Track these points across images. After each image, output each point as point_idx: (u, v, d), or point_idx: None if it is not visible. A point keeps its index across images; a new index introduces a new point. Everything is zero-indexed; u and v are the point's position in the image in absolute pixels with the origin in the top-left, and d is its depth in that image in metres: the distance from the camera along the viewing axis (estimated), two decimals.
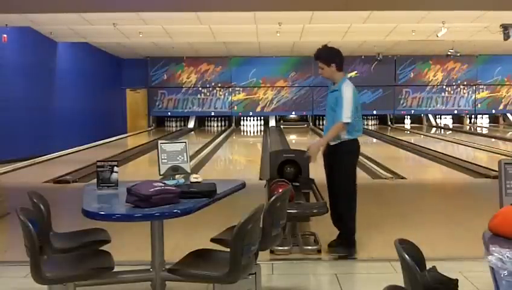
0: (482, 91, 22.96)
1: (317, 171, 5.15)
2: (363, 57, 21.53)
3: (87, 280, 3.10)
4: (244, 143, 18.92)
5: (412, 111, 23.14)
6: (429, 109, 23.13)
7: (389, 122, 23.25)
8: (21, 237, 2.90)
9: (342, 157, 4.59)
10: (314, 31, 13.33)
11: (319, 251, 4.69)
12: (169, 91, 22.59)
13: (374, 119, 23.28)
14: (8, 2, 9.10)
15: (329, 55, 4.65)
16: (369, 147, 14.43)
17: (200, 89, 22.60)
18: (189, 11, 10.19)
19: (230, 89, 22.65)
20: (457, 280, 2.04)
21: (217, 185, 3.40)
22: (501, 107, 23.10)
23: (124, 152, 13.87)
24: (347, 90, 4.54)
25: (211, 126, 23.28)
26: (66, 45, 16.18)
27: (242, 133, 21.59)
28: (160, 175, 3.79)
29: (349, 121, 4.49)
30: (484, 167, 9.90)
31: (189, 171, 3.88)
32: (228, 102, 22.71)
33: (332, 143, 4.58)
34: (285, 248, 4.68)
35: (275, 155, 5.50)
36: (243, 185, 3.78)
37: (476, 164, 10.56)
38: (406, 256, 2.00)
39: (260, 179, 8.77)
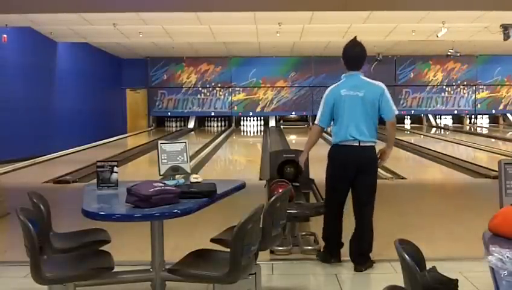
0: (482, 91, 22.96)
1: (317, 171, 5.14)
2: None
3: (87, 280, 3.09)
4: (244, 143, 18.92)
5: (412, 111, 23.14)
6: (429, 109, 23.14)
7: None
8: (21, 237, 2.90)
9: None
10: (314, 31, 13.33)
11: (319, 251, 4.68)
12: (169, 91, 22.60)
13: None
14: (8, 2, 9.10)
15: None
16: None
17: (200, 89, 22.60)
18: (189, 11, 10.20)
19: (230, 89, 22.65)
20: (457, 280, 2.04)
21: (217, 185, 3.40)
22: (501, 107, 23.10)
23: (124, 152, 13.86)
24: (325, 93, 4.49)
25: (211, 126, 23.29)
26: (66, 45, 16.18)
27: (242, 133, 21.59)
28: (160, 175, 3.79)
29: (316, 122, 4.45)
30: (484, 167, 9.89)
31: (189, 171, 3.88)
32: (228, 102, 22.71)
33: None
34: (285, 248, 4.68)
35: (275, 155, 5.49)
36: (243, 185, 3.78)
37: (476, 164, 10.56)
38: (406, 256, 2.00)
39: (260, 179, 8.77)
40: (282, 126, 22.28)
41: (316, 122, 4.47)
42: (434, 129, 22.21)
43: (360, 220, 4.41)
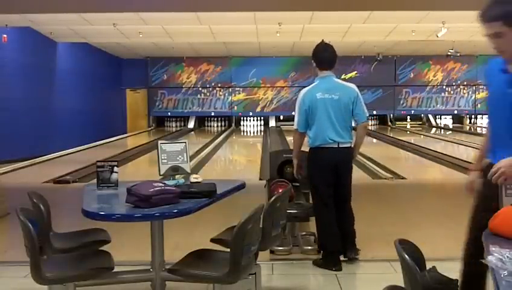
0: (482, 91, 22.92)
1: None
2: (363, 57, 21.50)
3: (87, 280, 3.09)
4: (244, 143, 18.92)
5: (412, 111, 23.15)
6: (429, 109, 23.14)
7: (389, 122, 23.26)
8: (21, 237, 2.90)
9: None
10: (314, 31, 13.32)
11: (319, 251, 4.68)
12: (169, 91, 22.60)
13: (374, 119, 23.28)
14: (8, 2, 9.10)
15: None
16: (369, 147, 14.41)
17: (200, 89, 22.60)
18: (189, 11, 10.20)
19: (230, 89, 22.65)
20: (457, 280, 2.05)
21: (217, 185, 3.40)
22: None
23: (124, 152, 13.87)
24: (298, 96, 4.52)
25: (211, 126, 23.29)
26: (66, 45, 16.18)
27: (242, 133, 21.60)
28: (160, 175, 3.79)
29: (296, 127, 4.48)
30: None
31: (189, 171, 3.88)
32: (228, 102, 22.71)
33: None
34: (285, 248, 4.68)
35: (274, 155, 5.49)
36: (243, 185, 3.78)
37: None
38: (406, 256, 2.00)
39: (260, 179, 8.77)
40: (282, 126, 22.25)
41: (295, 127, 4.50)
42: (434, 129, 22.21)
43: (344, 216, 4.47)
